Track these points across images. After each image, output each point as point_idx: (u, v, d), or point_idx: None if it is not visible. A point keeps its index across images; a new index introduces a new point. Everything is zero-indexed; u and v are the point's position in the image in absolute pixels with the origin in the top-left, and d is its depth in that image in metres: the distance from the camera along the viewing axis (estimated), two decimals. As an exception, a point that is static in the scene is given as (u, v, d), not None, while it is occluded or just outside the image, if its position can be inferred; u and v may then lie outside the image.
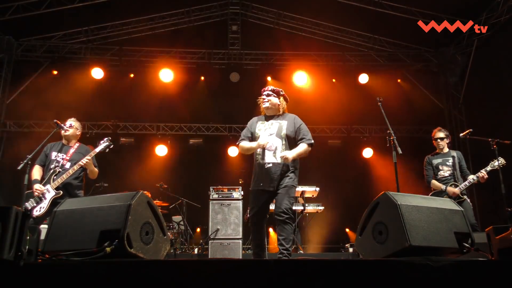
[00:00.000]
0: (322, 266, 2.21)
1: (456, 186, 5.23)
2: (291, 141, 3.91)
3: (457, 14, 8.04)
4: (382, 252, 2.73)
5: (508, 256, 2.55)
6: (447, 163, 5.40)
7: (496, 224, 2.80)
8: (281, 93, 4.09)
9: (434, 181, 5.41)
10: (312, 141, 3.93)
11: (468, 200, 5.27)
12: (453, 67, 9.47)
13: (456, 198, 5.13)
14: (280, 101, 4.05)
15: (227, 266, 2.27)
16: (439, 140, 5.48)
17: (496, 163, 5.14)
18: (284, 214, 3.67)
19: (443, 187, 5.28)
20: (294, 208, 7.12)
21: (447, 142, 5.53)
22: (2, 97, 9.18)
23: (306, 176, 9.66)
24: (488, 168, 5.15)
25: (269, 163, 3.81)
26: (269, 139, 3.88)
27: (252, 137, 4.03)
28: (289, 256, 3.67)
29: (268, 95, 4.03)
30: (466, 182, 5.19)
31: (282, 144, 3.85)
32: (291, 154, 3.76)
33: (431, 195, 5.34)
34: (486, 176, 5.14)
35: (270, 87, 4.07)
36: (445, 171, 5.38)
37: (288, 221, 3.67)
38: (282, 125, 3.93)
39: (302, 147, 3.86)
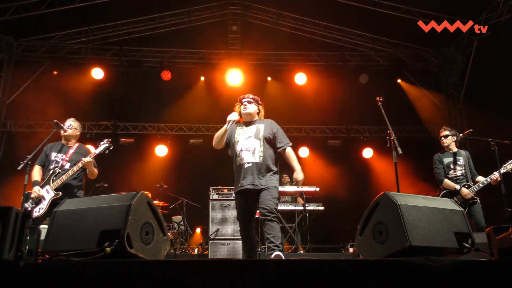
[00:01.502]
0: (322, 266, 2.21)
1: (468, 186, 5.16)
2: (269, 143, 4.08)
3: (457, 14, 8.04)
4: (382, 252, 2.73)
5: (508, 256, 2.55)
6: (459, 163, 5.31)
7: (496, 224, 2.80)
8: (259, 101, 4.38)
9: (447, 180, 5.28)
10: (291, 143, 4.15)
11: (479, 201, 5.19)
12: (453, 67, 9.47)
13: (469, 199, 5.09)
14: (258, 109, 4.33)
15: (227, 266, 2.27)
16: (443, 138, 5.44)
17: (509, 165, 5.04)
18: (270, 213, 3.80)
19: (457, 186, 5.17)
20: (294, 208, 7.23)
21: (453, 140, 5.44)
22: (2, 97, 9.18)
23: (306, 176, 9.65)
24: (502, 170, 5.05)
25: (248, 163, 3.96)
26: (246, 143, 4.04)
27: (230, 144, 4.20)
28: (281, 251, 3.72)
29: (249, 102, 4.27)
30: (480, 184, 5.12)
31: (260, 145, 4.03)
32: (300, 174, 4.04)
33: (442, 196, 5.27)
34: (499, 179, 5.04)
35: (250, 95, 4.31)
36: (456, 171, 5.29)
37: (274, 219, 3.83)
38: (260, 128, 4.14)
39: (292, 155, 4.09)
